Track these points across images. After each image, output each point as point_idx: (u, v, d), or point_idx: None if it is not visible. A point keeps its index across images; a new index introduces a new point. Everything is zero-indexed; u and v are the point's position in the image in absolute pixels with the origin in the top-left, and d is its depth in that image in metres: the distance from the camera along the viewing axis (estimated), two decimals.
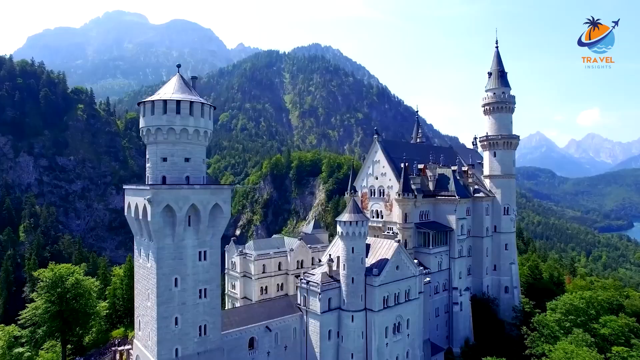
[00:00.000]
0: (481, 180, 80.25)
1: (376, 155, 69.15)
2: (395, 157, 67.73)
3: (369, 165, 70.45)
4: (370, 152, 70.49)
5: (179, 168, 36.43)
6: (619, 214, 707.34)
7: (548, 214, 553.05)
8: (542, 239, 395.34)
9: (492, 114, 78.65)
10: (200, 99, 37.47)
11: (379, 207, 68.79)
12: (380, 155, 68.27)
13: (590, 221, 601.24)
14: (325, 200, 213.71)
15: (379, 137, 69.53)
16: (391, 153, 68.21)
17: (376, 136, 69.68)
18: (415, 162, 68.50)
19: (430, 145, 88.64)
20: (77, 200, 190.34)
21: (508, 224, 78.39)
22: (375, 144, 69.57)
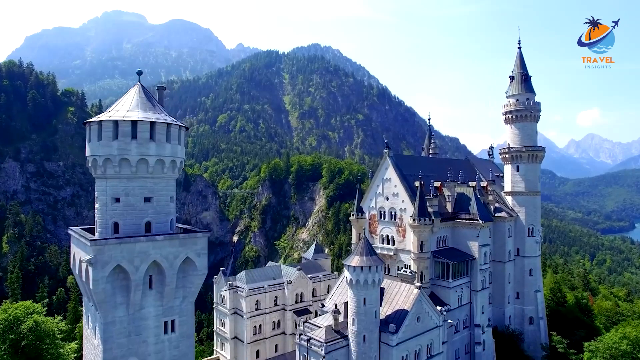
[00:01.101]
0: (502, 197, 71.73)
1: (387, 172, 60.34)
2: (408, 175, 59.03)
3: (378, 183, 61.69)
4: (379, 168, 61.76)
5: (137, 212, 26.30)
6: (620, 215, 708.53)
7: (550, 215, 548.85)
8: (545, 242, 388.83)
9: (514, 123, 70.03)
10: (165, 118, 27.77)
11: (390, 232, 60.08)
12: (392, 173, 59.49)
13: (592, 223, 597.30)
14: (325, 206, 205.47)
15: (389, 152, 60.57)
16: (404, 170, 59.50)
17: (386, 150, 60.74)
18: (430, 180, 59.86)
19: (445, 159, 79.67)
20: (66, 208, 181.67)
21: (533, 247, 69.63)
22: (386, 160, 60.75)
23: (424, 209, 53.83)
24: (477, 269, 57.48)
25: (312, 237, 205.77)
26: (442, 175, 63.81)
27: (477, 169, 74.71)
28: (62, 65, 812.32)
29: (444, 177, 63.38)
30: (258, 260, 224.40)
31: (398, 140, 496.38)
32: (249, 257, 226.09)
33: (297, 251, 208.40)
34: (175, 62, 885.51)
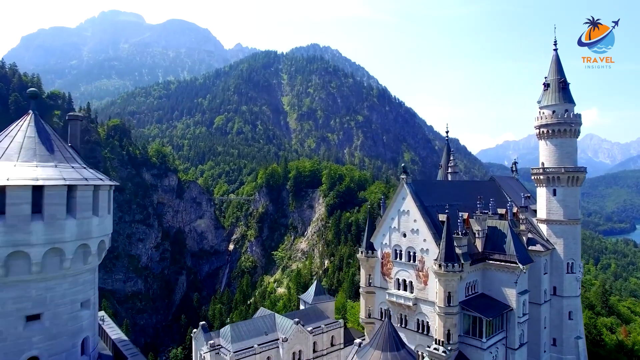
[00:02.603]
0: (534, 224, 61.18)
1: (404, 203, 49.60)
2: (430, 207, 48.56)
3: (394, 216, 51.00)
4: (395, 198, 51.02)
5: (9, 343, 14.14)
6: (621, 216, 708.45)
7: None
8: None
9: (550, 138, 59.36)
10: (74, 176, 17.10)
11: (408, 277, 49.53)
12: (411, 204, 48.83)
13: (593, 224, 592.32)
14: (325, 215, 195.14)
15: (407, 178, 49.74)
16: (425, 200, 48.89)
17: (404, 177, 49.80)
18: (456, 211, 49.36)
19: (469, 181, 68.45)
20: None
21: (573, 286, 58.84)
22: (403, 188, 49.94)
23: (452, 252, 43.39)
24: (515, 322, 47.04)
25: (312, 247, 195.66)
26: (468, 203, 53.27)
27: (503, 191, 64.20)
28: (59, 65, 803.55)
29: (470, 204, 52.88)
30: (255, 270, 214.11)
31: (398, 142, 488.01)
32: (245, 268, 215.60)
33: (296, 262, 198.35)
34: (173, 62, 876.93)
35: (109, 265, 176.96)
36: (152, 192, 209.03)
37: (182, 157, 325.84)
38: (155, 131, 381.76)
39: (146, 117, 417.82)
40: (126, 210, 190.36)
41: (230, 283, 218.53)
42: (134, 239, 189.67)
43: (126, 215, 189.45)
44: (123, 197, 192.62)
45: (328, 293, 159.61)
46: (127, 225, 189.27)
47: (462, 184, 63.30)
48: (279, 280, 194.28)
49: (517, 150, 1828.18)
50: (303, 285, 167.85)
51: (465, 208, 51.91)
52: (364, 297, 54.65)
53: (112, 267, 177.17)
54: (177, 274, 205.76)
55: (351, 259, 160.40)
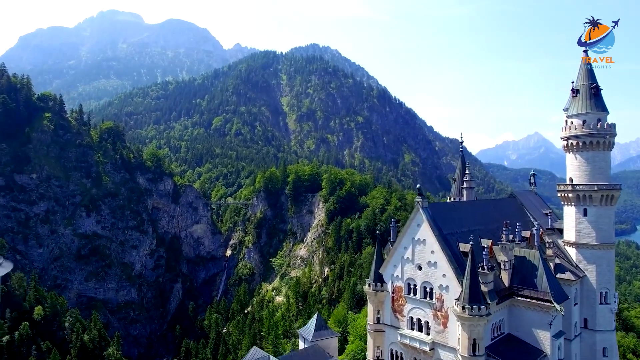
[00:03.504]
0: (561, 248, 54.46)
1: (419, 230, 42.64)
2: (449, 235, 41.84)
3: (407, 245, 44.06)
4: (409, 224, 43.90)
5: None
6: (621, 217, 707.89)
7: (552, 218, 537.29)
8: None
9: (580, 151, 52.55)
10: None
11: (424, 316, 42.78)
12: (427, 233, 41.90)
13: None
14: (325, 221, 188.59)
15: (422, 201, 42.75)
16: (443, 226, 42.01)
17: (419, 200, 42.61)
18: (478, 237, 42.67)
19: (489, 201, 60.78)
20: (39, 225, 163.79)
21: (607, 318, 51.90)
22: (418, 213, 42.91)
23: (478, 292, 36.75)
24: None
25: (311, 254, 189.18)
26: (490, 227, 46.59)
27: (526, 209, 57.46)
28: (57, 65, 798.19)
29: (492, 228, 46.25)
30: (252, 278, 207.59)
31: (399, 143, 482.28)
32: (243, 275, 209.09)
33: (295, 269, 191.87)
34: (172, 62, 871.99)
35: (101, 274, 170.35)
36: (146, 197, 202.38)
37: (179, 160, 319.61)
38: (153, 132, 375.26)
39: (143, 118, 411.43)
40: (119, 216, 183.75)
41: (228, 290, 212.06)
42: (127, 246, 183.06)
43: (119, 222, 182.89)
44: (116, 202, 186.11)
45: (328, 303, 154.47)
46: (120, 232, 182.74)
47: (481, 205, 56.10)
48: (278, 288, 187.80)
49: (516, 151, 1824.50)
50: (302, 294, 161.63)
51: (487, 233, 45.24)
52: (372, 335, 47.77)
53: (104, 276, 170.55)
54: (173, 281, 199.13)
55: (352, 267, 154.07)
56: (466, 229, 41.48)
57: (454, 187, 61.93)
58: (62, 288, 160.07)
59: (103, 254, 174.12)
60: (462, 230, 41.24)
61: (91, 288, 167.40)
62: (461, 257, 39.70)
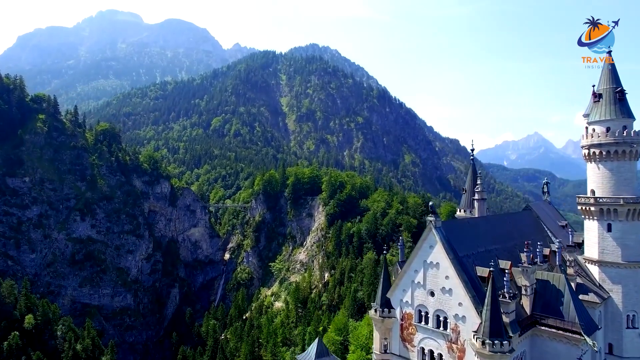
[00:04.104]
0: (582, 265, 50.20)
1: (432, 253, 38.00)
2: (465, 257, 37.45)
3: (418, 268, 39.42)
4: (420, 245, 39.23)
5: None
6: None
7: None
8: None
9: (603, 161, 48.28)
10: None
11: (437, 347, 38.28)
12: (441, 255, 37.38)
13: None
14: (325, 224, 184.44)
15: (435, 220, 38.23)
16: (458, 247, 37.53)
17: (431, 219, 37.86)
18: (495, 258, 38.46)
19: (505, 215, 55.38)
20: (32, 230, 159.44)
21: (635, 344, 47.35)
22: (431, 234, 38.36)
23: (499, 326, 32.47)
24: None
25: (311, 259, 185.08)
26: (507, 245, 42.36)
27: (543, 223, 53.21)
28: (55, 65, 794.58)
29: (509, 246, 42.06)
30: (251, 282, 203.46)
31: (399, 143, 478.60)
32: (241, 280, 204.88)
33: (294, 273, 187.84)
34: (171, 62, 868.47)
35: (96, 280, 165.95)
36: (142, 200, 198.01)
37: (177, 161, 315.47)
38: (151, 133, 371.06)
39: (142, 118, 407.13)
40: (115, 220, 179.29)
41: (226, 295, 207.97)
42: (123, 250, 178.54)
43: (114, 226, 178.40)
44: (111, 206, 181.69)
45: (328, 309, 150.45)
46: (116, 236, 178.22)
47: (497, 220, 51.40)
48: (277, 293, 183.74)
49: (516, 151, 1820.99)
50: (302, 300, 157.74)
51: (505, 253, 41.05)
52: None
53: (98, 282, 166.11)
54: (170, 286, 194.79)
55: (353, 272, 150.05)
56: (482, 249, 37.39)
57: (465, 198, 57.52)
58: (55, 294, 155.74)
59: (98, 259, 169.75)
60: (479, 251, 37.12)
61: (85, 294, 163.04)
62: (479, 282, 35.60)
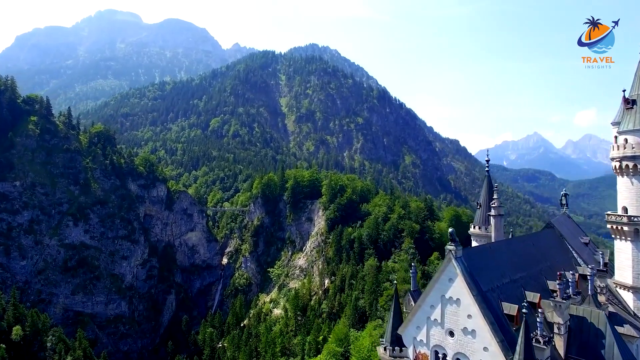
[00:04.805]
0: (612, 290, 45.20)
1: (451, 287, 32.14)
2: (489, 291, 32.07)
3: (434, 303, 33.63)
4: (437, 277, 33.22)
5: None
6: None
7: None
8: None
9: (638, 175, 43.58)
10: None
11: None
12: (462, 291, 31.62)
13: (595, 226, 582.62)
14: (325, 229, 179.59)
15: (456, 250, 32.86)
16: (481, 280, 32.14)
17: (452, 247, 32.16)
18: (522, 290, 33.43)
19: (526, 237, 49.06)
20: (23, 236, 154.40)
21: None
22: (450, 265, 32.84)
23: None
24: None
25: (310, 264, 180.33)
26: (532, 272, 37.20)
27: (568, 243, 48.20)
28: (54, 65, 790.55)
29: (534, 273, 37.04)
30: (249, 288, 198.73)
31: (399, 144, 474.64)
32: (239, 285, 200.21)
33: (294, 279, 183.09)
34: (170, 62, 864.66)
35: (89, 287, 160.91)
36: (138, 205, 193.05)
37: (175, 162, 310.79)
38: (149, 134, 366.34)
39: (140, 119, 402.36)
40: (109, 225, 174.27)
41: (224, 301, 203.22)
42: (118, 256, 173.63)
43: (108, 231, 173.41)
44: (105, 210, 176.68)
45: (329, 318, 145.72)
46: (110, 242, 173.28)
47: (518, 243, 45.52)
48: (276, 300, 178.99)
49: (515, 151, 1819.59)
50: (301, 307, 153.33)
51: (531, 282, 35.98)
52: None
53: (92, 289, 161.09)
54: (166, 292, 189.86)
55: (354, 279, 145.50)
56: (507, 280, 32.50)
57: (479, 213, 52.21)
58: (46, 303, 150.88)
59: (91, 266, 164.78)
60: (504, 283, 32.20)
61: (78, 302, 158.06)
62: (506, 322, 30.70)
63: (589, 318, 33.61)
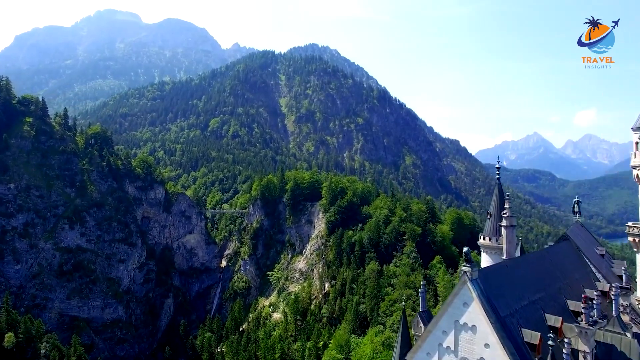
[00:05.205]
0: (636, 309, 42.38)
1: (466, 312, 28.84)
2: (508, 317, 28.83)
3: (447, 329, 30.34)
4: (450, 301, 30.01)
5: None
6: (622, 218, 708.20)
7: (554, 221, 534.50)
8: None
9: None
10: None
11: None
12: (479, 317, 28.39)
13: (595, 227, 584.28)
14: (326, 232, 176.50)
15: (472, 272, 29.53)
16: (499, 304, 29.00)
17: (467, 269, 28.72)
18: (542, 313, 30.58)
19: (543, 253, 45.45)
20: (17, 239, 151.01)
21: None
22: (465, 287, 29.68)
23: None
24: None
25: (310, 268, 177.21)
26: (551, 291, 34.33)
27: (585, 256, 45.34)
28: (53, 65, 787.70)
29: (552, 292, 34.20)
30: (249, 292, 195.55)
31: (399, 145, 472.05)
32: (238, 289, 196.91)
33: (293, 282, 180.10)
34: (170, 62, 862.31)
35: (85, 291, 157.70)
36: (135, 207, 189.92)
37: (174, 163, 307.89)
38: (148, 134, 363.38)
39: (139, 119, 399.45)
40: (105, 228, 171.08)
41: (222, 305, 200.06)
42: (114, 260, 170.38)
43: (105, 234, 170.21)
44: (102, 213, 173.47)
45: (329, 323, 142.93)
46: (107, 245, 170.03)
47: (534, 259, 41.70)
48: (275, 304, 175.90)
49: (515, 151, 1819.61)
50: (301, 312, 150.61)
51: (551, 303, 32.96)
52: None
53: (88, 293, 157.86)
54: (164, 296, 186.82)
55: (354, 283, 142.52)
56: (526, 302, 29.61)
57: (489, 224, 49.03)
58: (41, 308, 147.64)
59: (87, 270, 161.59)
60: (522, 305, 29.32)
61: (74, 307, 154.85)
62: (527, 351, 27.75)
63: (618, 346, 30.56)
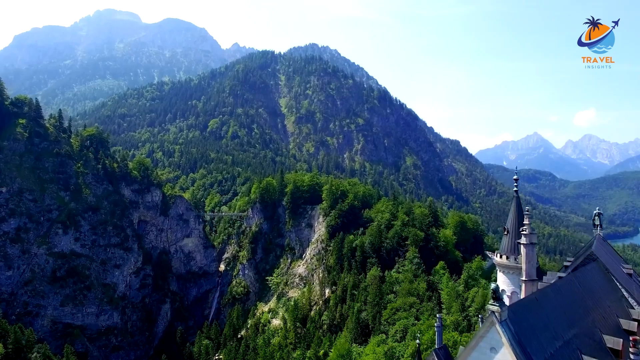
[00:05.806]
0: None
1: (493, 359, 25.39)
2: (537, 351, 24.86)
3: None
4: (475, 343, 25.30)
5: None
6: (623, 218, 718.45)
7: (555, 221, 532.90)
8: (556, 255, 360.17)
9: None
10: None
11: None
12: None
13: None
14: (326, 236, 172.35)
15: (502, 312, 24.81)
16: (532, 349, 24.31)
17: (496, 308, 24.08)
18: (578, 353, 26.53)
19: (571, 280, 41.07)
20: (9, 245, 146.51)
21: None
22: (493, 329, 25.06)
23: None
24: None
25: (310, 273, 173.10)
26: (585, 325, 30.25)
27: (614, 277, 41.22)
28: (52, 65, 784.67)
29: (586, 327, 30.19)
30: (247, 297, 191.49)
31: (400, 145, 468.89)
32: (237, 294, 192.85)
33: (293, 288, 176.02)
34: (169, 62, 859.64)
35: (79, 297, 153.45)
36: (132, 210, 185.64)
37: (172, 165, 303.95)
38: (146, 135, 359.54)
39: (137, 120, 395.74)
40: (100, 232, 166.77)
41: (221, 310, 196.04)
42: (109, 265, 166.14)
43: (100, 239, 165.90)
44: (97, 217, 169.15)
45: (330, 330, 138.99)
46: (102, 250, 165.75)
47: (564, 287, 37.04)
48: (274, 310, 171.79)
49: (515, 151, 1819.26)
50: (301, 318, 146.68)
51: (586, 340, 28.60)
52: None
53: (82, 300, 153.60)
54: (160, 302, 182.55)
55: (355, 290, 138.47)
56: (560, 343, 25.46)
57: (506, 241, 44.34)
58: (33, 315, 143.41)
59: (82, 275, 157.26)
60: (557, 348, 25.14)
61: (68, 314, 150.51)
62: None
63: None
